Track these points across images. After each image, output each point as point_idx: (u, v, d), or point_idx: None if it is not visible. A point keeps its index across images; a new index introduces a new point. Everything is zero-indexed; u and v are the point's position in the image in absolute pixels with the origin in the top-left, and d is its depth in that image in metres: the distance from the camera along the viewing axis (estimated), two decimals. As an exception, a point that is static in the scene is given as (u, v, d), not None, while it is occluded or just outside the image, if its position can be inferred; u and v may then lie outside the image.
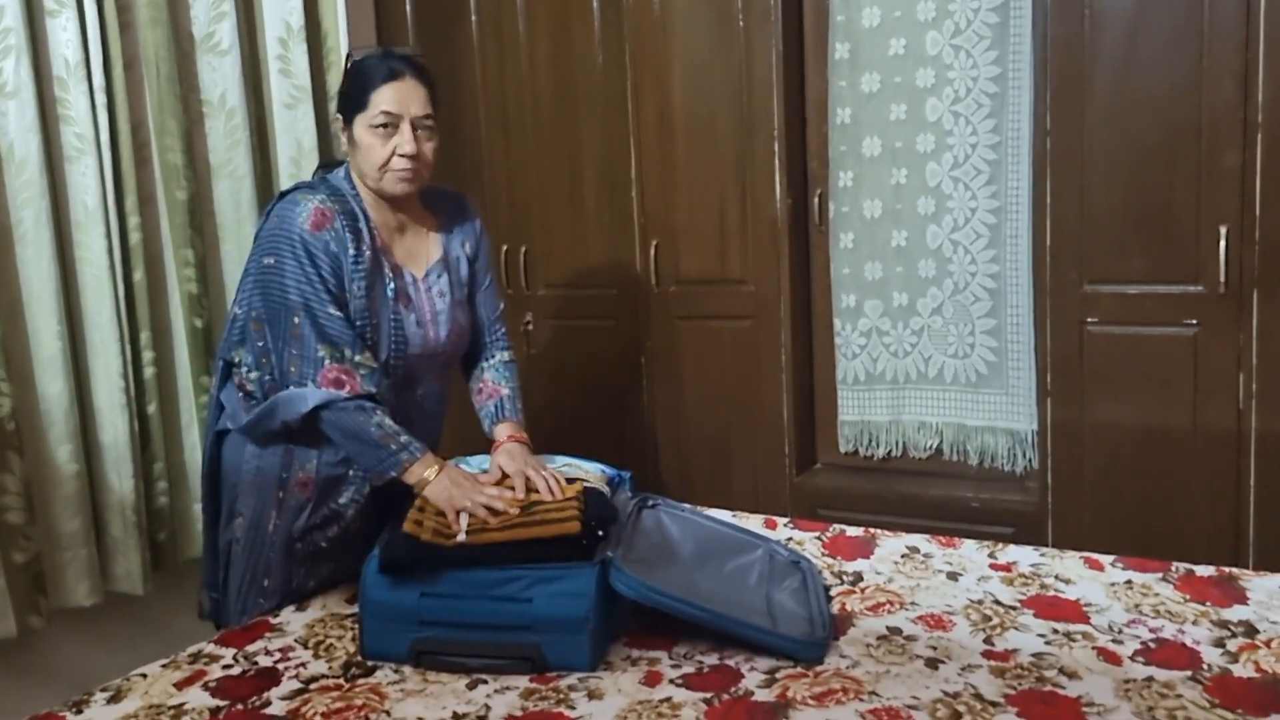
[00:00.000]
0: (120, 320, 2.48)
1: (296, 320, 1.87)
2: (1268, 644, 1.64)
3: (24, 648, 2.37)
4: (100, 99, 2.44)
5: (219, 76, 2.71)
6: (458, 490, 1.83)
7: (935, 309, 2.83)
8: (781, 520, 2.29)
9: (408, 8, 3.30)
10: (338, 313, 1.88)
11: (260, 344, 1.93)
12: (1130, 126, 2.41)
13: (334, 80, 2.99)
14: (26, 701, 2.38)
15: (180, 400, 2.66)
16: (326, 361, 1.87)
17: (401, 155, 1.92)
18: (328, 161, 2.16)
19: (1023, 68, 2.64)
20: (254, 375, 1.96)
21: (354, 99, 1.94)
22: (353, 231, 1.92)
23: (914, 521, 2.55)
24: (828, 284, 2.97)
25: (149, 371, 2.56)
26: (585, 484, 1.88)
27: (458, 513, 1.79)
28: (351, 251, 1.91)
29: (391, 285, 1.97)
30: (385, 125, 1.92)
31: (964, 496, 2.76)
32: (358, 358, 1.88)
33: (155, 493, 2.59)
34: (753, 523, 2.28)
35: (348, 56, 2.03)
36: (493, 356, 2.20)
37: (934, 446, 2.91)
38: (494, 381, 2.17)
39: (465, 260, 2.12)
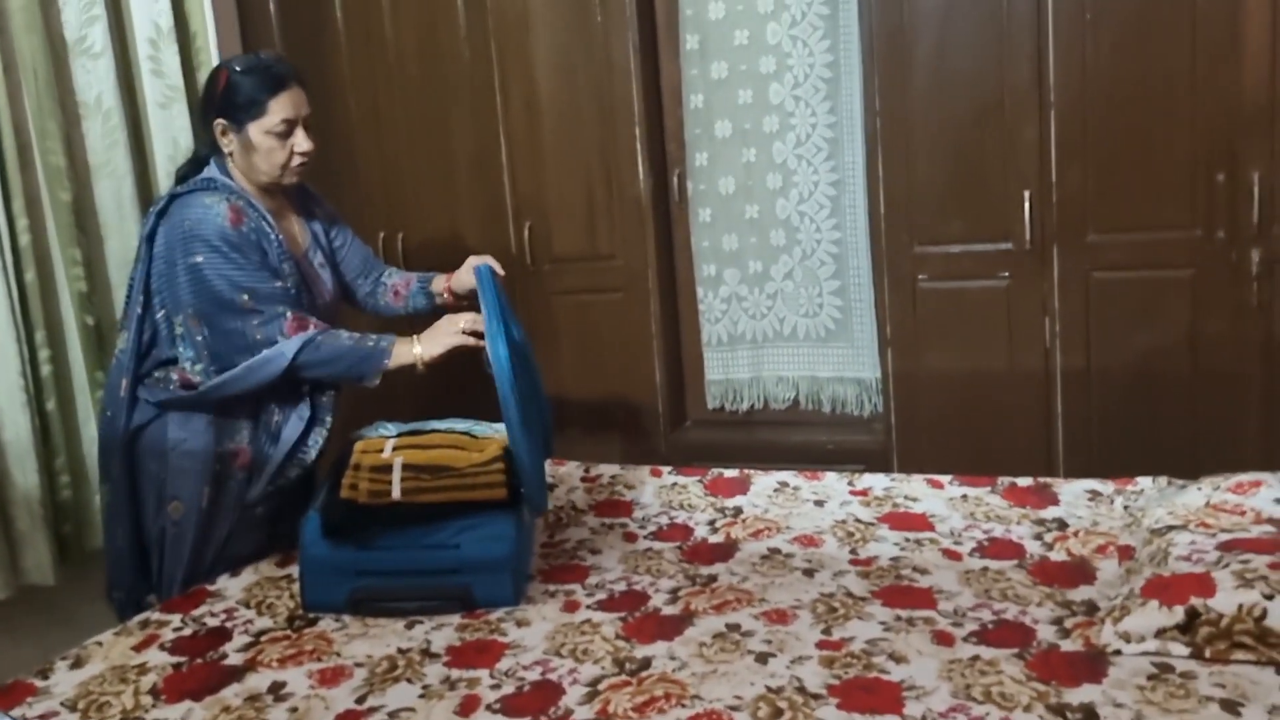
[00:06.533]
0: (16, 320, 2.53)
1: (245, 298, 2.03)
2: (1075, 535, 1.99)
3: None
4: (-17, 105, 2.49)
5: (93, 79, 2.77)
6: (445, 335, 2.09)
7: (787, 274, 3.14)
8: (665, 469, 2.55)
9: (272, 7, 3.39)
10: (280, 283, 2.08)
11: (199, 338, 2.06)
12: (945, 105, 2.75)
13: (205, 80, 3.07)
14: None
15: (77, 396, 2.72)
16: (288, 315, 2.06)
17: (301, 153, 2.15)
18: (193, 160, 2.25)
19: (852, 54, 2.96)
20: (198, 368, 2.08)
21: (247, 107, 2.10)
22: (265, 221, 2.09)
23: (778, 466, 2.85)
24: (689, 256, 3.25)
25: (45, 369, 2.62)
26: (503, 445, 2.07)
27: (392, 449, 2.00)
28: (272, 237, 2.10)
29: (296, 265, 2.18)
30: (284, 130, 2.10)
31: (820, 440, 3.10)
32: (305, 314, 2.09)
33: (58, 486, 2.66)
34: (641, 472, 2.53)
35: (220, 67, 2.18)
36: (387, 274, 2.47)
37: (791, 398, 3.23)
38: (400, 277, 2.46)
39: (324, 235, 2.36)
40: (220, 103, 2.13)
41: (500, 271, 2.23)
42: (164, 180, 2.95)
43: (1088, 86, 2.62)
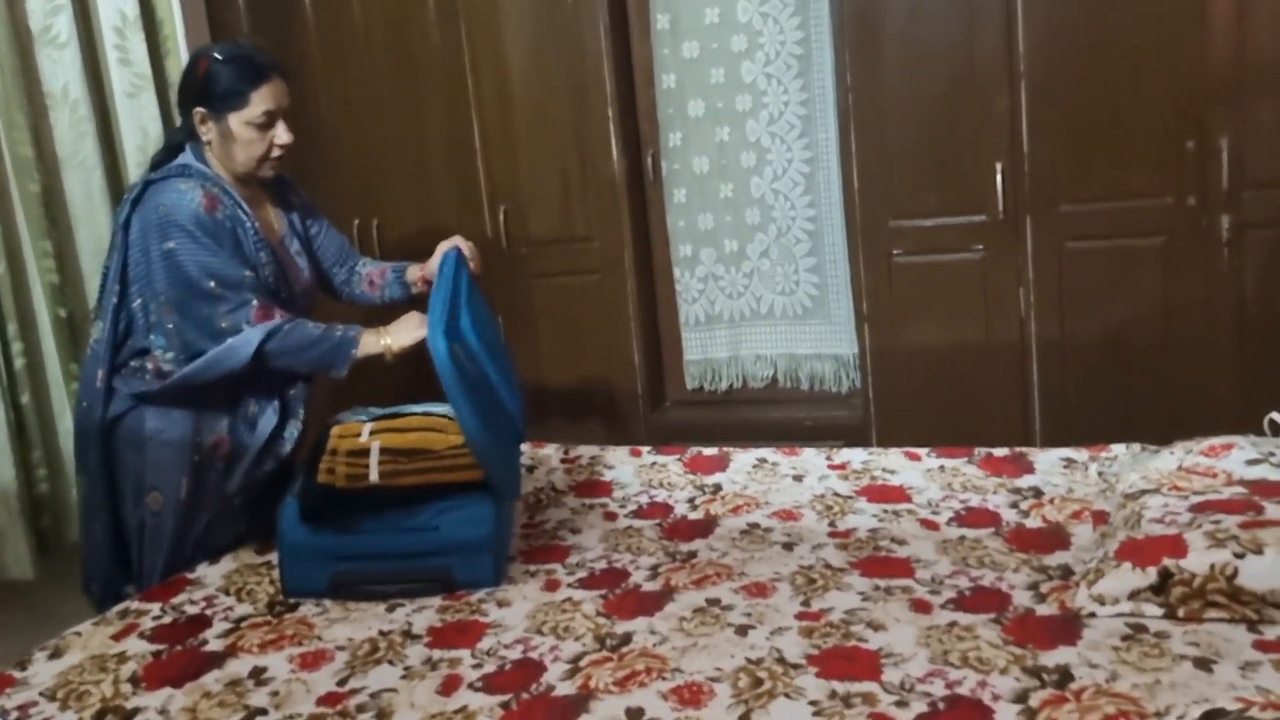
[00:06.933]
0: (-13, 314, 2.52)
1: (213, 284, 2.01)
2: (1051, 502, 2.01)
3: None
4: (-53, 96, 2.46)
5: (60, 69, 2.74)
6: (413, 328, 2.07)
7: (763, 252, 3.15)
8: (645, 449, 2.56)
9: (239, -7, 3.37)
10: (250, 273, 2.06)
11: (170, 325, 2.04)
12: (917, 80, 2.76)
13: (173, 68, 3.04)
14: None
15: (51, 389, 2.70)
16: (254, 303, 2.03)
17: (280, 146, 2.13)
18: (168, 147, 2.22)
19: (823, 30, 2.96)
20: (169, 356, 2.06)
21: (227, 98, 2.08)
22: (240, 209, 2.07)
23: (758, 444, 2.85)
24: (665, 236, 3.25)
25: (19, 363, 2.60)
26: None
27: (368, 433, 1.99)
28: (248, 224, 2.07)
29: (273, 252, 2.16)
30: (264, 122, 2.08)
31: (799, 417, 3.11)
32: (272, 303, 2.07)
33: (35, 480, 2.64)
34: (620, 452, 2.53)
35: (200, 54, 2.14)
36: (362, 263, 2.44)
37: (770, 376, 3.25)
38: (375, 266, 2.43)
39: (300, 224, 2.34)
40: (199, 91, 2.09)
41: (467, 250, 2.21)
42: (134, 170, 2.92)
43: (1057, 57, 2.63)
